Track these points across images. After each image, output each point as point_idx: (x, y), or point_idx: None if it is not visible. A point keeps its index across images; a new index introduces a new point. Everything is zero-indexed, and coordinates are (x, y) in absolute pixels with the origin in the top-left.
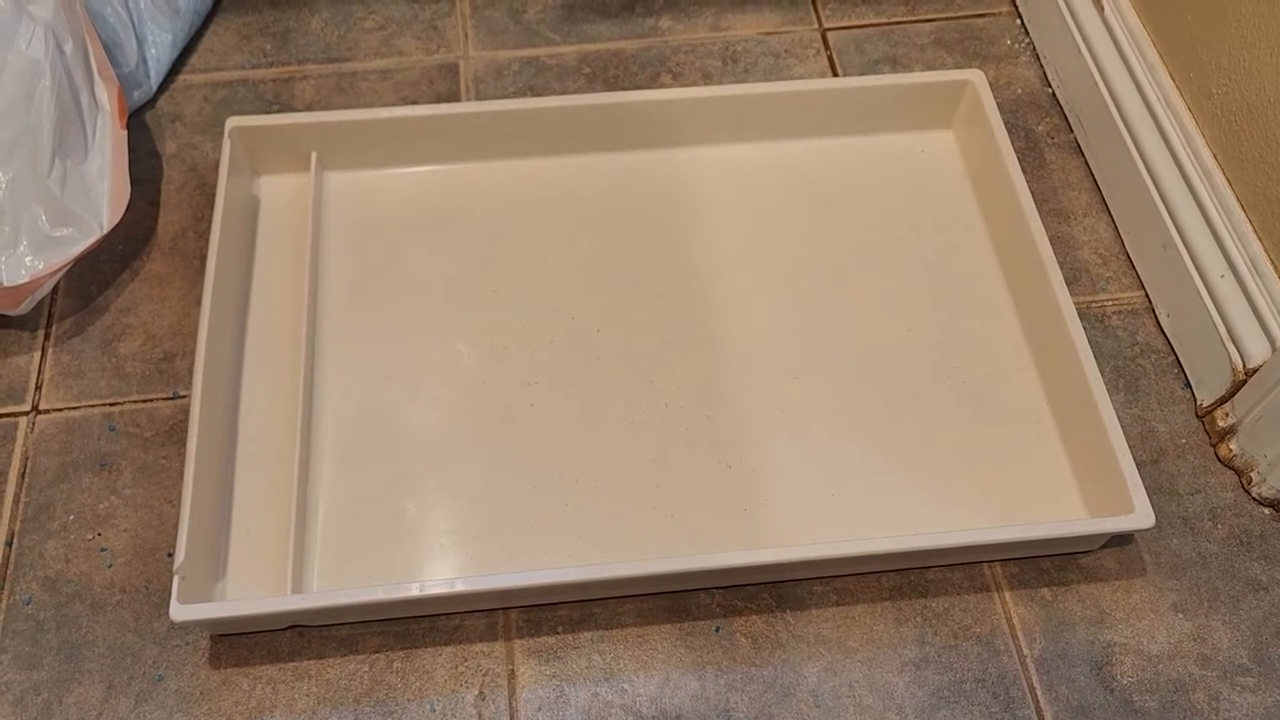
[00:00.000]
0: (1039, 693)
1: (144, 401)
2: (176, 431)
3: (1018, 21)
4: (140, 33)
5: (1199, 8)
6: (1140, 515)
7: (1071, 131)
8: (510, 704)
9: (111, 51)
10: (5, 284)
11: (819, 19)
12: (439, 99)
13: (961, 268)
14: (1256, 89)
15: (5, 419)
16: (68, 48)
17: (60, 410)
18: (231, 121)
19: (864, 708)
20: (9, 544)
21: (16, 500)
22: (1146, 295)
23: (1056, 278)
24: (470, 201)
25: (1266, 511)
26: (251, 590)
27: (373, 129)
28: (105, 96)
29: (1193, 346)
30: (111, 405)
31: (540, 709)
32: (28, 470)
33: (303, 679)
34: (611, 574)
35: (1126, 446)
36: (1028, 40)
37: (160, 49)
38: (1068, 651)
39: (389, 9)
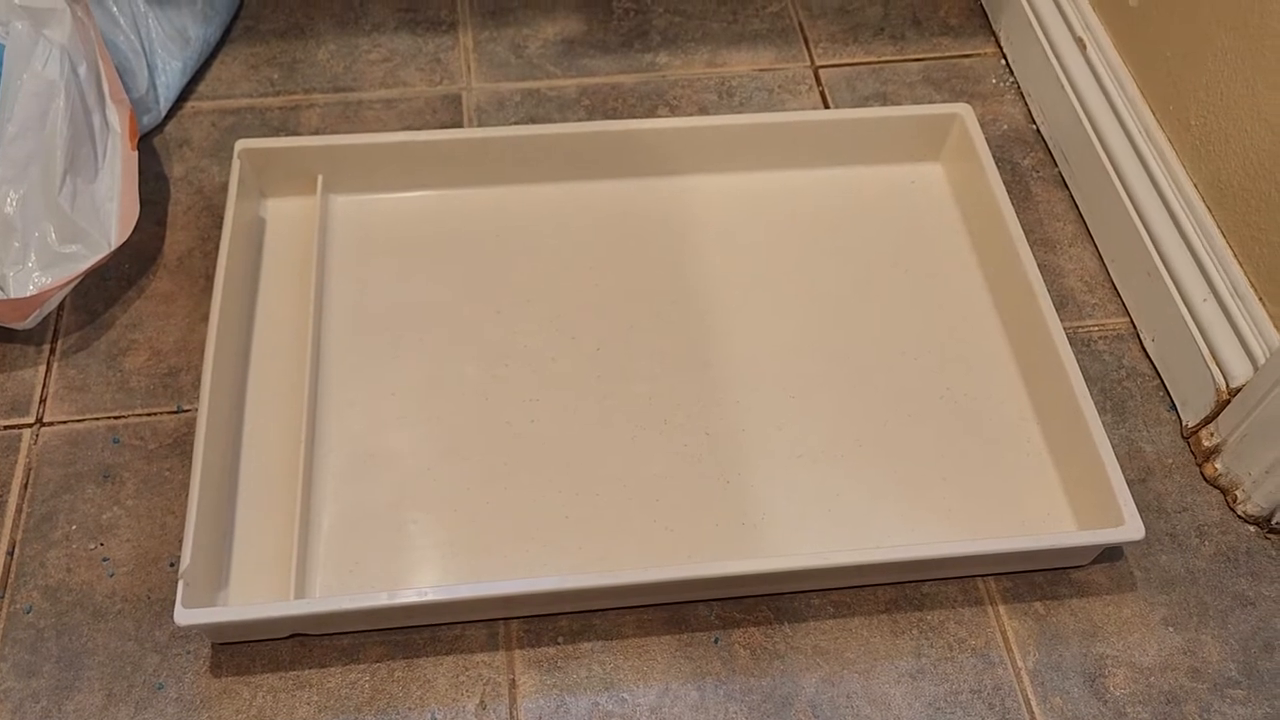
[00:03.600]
0: (1034, 704)
1: (148, 415)
2: (180, 445)
3: (1003, 62)
4: (151, 60)
5: (1177, 44)
6: (1130, 528)
7: (1056, 166)
8: (511, 713)
9: (123, 77)
10: (13, 297)
11: (811, 57)
12: (442, 127)
13: (952, 293)
14: (1233, 118)
15: (9, 431)
16: (82, 70)
17: (64, 423)
18: (240, 143)
19: (862, 718)
20: (10, 553)
21: (19, 510)
22: (1131, 321)
23: (1045, 300)
24: (472, 225)
25: (1252, 529)
26: (254, 600)
27: (378, 153)
28: (116, 118)
29: (1177, 369)
30: (115, 418)
31: (541, 718)
32: (30, 481)
33: (304, 688)
34: (612, 582)
35: (1116, 462)
36: (1012, 79)
37: (170, 76)
38: (1061, 664)
39: (394, 42)
